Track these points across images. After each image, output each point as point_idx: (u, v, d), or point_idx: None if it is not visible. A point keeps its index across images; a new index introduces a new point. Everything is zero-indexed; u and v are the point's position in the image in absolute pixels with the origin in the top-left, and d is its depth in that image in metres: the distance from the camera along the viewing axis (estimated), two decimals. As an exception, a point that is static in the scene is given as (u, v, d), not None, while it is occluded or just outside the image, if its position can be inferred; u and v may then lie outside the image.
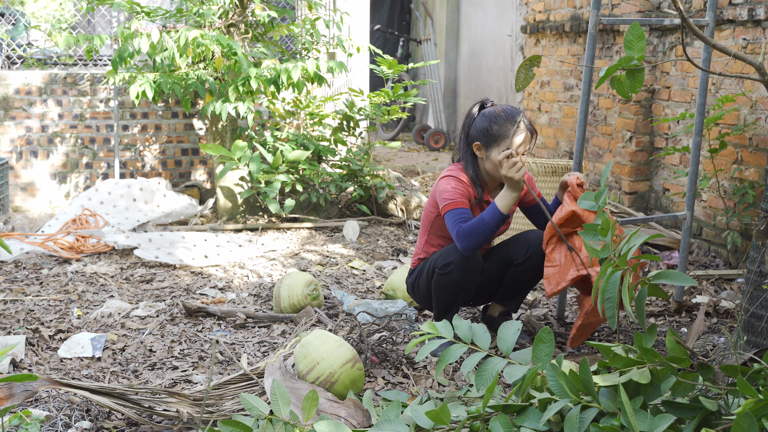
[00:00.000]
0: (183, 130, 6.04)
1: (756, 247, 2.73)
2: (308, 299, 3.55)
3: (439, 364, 2.26)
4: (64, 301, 3.77)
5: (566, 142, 6.14)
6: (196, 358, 3.10)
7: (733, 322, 3.41)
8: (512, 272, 3.18)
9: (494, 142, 2.98)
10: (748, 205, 4.06)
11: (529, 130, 3.00)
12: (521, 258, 3.14)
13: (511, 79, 7.72)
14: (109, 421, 2.48)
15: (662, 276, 2.13)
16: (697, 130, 3.51)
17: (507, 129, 2.97)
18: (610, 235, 2.27)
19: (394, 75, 5.71)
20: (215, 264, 4.44)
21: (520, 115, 2.99)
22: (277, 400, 2.11)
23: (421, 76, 9.82)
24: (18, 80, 5.76)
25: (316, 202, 5.41)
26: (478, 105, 3.10)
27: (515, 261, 3.16)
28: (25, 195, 5.86)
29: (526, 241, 3.14)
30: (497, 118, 2.99)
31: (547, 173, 4.30)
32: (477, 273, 3.02)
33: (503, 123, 2.98)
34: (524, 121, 2.99)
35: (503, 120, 2.98)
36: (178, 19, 5.27)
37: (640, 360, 2.03)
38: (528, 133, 2.99)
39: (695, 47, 4.58)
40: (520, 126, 2.97)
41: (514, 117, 2.98)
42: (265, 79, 4.84)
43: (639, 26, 2.25)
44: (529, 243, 3.13)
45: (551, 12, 6.41)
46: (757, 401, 1.81)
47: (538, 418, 2.04)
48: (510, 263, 3.18)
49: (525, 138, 2.98)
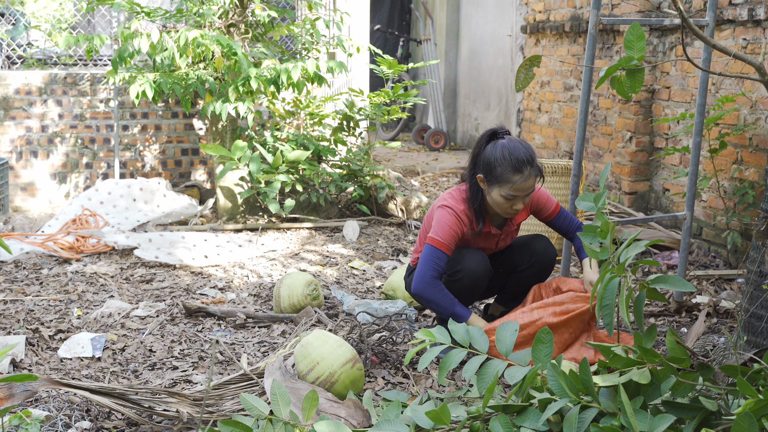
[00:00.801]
0: (183, 130, 6.04)
1: (756, 247, 2.73)
2: (308, 299, 3.55)
3: (441, 370, 2.26)
4: (64, 301, 3.77)
5: (566, 142, 6.14)
6: (196, 358, 3.10)
7: (733, 322, 3.41)
8: (515, 277, 3.21)
9: (496, 182, 2.90)
10: (748, 205, 4.07)
11: (536, 175, 2.89)
12: (524, 265, 3.16)
13: (511, 79, 7.72)
14: (109, 421, 2.48)
15: (661, 280, 2.13)
16: (697, 130, 3.51)
17: (509, 176, 2.86)
18: (610, 238, 2.28)
19: (394, 75, 5.71)
20: (215, 264, 4.44)
21: (526, 163, 2.86)
22: (277, 400, 2.11)
23: (421, 76, 9.82)
24: (18, 80, 5.76)
25: (316, 202, 5.41)
26: (489, 133, 2.97)
27: (519, 267, 3.18)
28: (25, 195, 5.86)
29: (530, 250, 3.15)
30: (503, 161, 2.86)
31: (547, 173, 4.30)
32: (485, 279, 3.04)
33: (507, 168, 2.86)
34: (531, 168, 2.87)
35: (508, 165, 2.86)
36: (178, 19, 5.27)
37: (640, 360, 2.03)
38: (533, 181, 2.90)
39: (695, 47, 4.58)
40: (524, 174, 2.86)
41: (521, 165, 2.85)
42: (265, 79, 4.85)
43: (639, 26, 2.25)
44: (534, 251, 3.14)
45: (551, 12, 6.41)
46: (757, 401, 1.81)
47: (537, 418, 2.04)
48: (514, 269, 3.20)
49: (528, 185, 2.89)
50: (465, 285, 3.00)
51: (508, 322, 2.35)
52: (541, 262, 3.14)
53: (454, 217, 2.96)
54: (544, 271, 3.18)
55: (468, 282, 2.98)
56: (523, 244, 3.19)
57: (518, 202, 2.92)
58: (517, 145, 2.89)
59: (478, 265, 2.98)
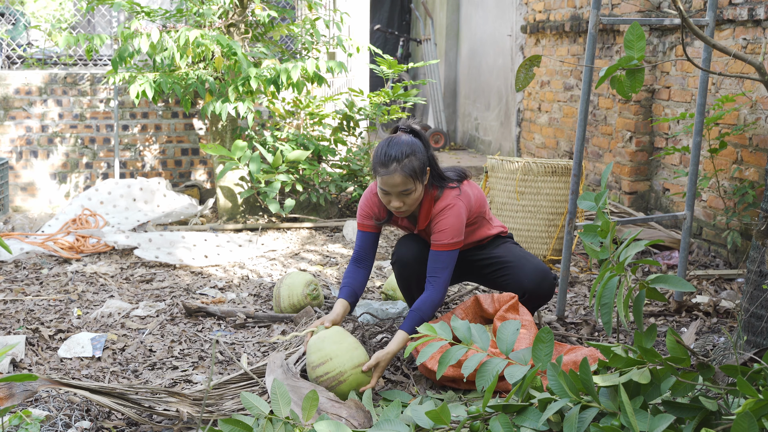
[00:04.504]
0: (183, 130, 6.04)
1: (756, 247, 2.73)
2: (308, 299, 3.55)
3: (440, 366, 2.26)
4: (64, 301, 3.77)
5: (566, 142, 6.14)
6: (196, 358, 3.10)
7: (733, 322, 3.41)
8: None
9: (374, 173, 2.84)
10: (748, 205, 4.07)
11: (406, 174, 2.74)
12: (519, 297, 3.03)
13: (511, 79, 7.72)
14: (109, 421, 2.48)
15: (661, 280, 2.13)
16: (697, 130, 3.51)
17: (377, 168, 2.78)
18: (610, 237, 2.28)
19: (394, 75, 5.71)
20: (215, 264, 4.44)
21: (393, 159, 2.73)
22: (278, 399, 2.10)
23: (421, 76, 9.82)
24: (18, 80, 5.76)
25: (316, 202, 5.41)
26: (394, 128, 2.92)
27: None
28: (25, 195, 5.86)
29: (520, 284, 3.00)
30: (377, 152, 2.81)
31: (547, 173, 4.30)
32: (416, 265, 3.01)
33: (377, 160, 2.79)
34: (397, 165, 2.73)
35: (378, 157, 2.79)
36: (178, 19, 5.27)
37: (640, 360, 2.03)
38: (398, 179, 2.74)
39: (695, 47, 4.58)
40: (388, 169, 2.74)
41: (387, 159, 2.74)
42: (265, 79, 4.84)
43: (639, 26, 2.25)
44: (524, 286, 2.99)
45: (551, 12, 6.41)
46: (757, 401, 1.81)
47: (537, 418, 2.04)
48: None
49: (394, 182, 2.75)
50: (398, 272, 3.08)
51: (509, 322, 2.34)
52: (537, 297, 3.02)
53: (365, 197, 3.02)
54: (540, 302, 3.07)
55: (399, 268, 3.06)
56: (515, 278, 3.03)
57: (393, 199, 2.80)
58: (396, 141, 2.79)
59: (408, 251, 3.01)
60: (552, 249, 4.36)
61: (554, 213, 4.32)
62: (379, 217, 3.00)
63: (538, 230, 4.35)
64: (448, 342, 2.33)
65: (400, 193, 2.78)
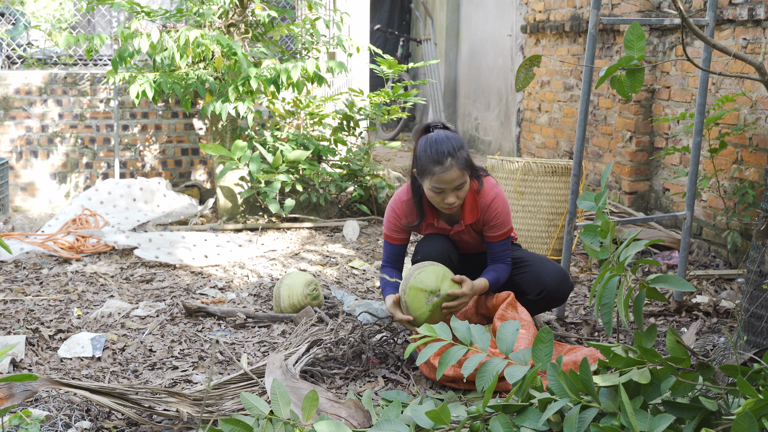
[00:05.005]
0: (183, 130, 6.04)
1: (756, 247, 2.73)
2: (308, 299, 3.55)
3: (440, 367, 2.26)
4: (64, 301, 3.77)
5: (566, 142, 6.14)
6: (196, 358, 3.10)
7: (733, 322, 3.41)
8: (522, 301, 3.11)
9: (423, 175, 2.87)
10: (748, 205, 4.07)
11: (461, 167, 2.82)
12: (533, 295, 3.05)
13: (511, 79, 7.72)
14: (109, 421, 2.48)
15: (661, 280, 2.13)
16: (697, 130, 3.51)
17: (431, 167, 2.82)
18: (610, 237, 2.27)
19: (394, 75, 5.71)
20: (215, 264, 4.44)
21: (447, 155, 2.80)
22: (278, 400, 2.10)
23: (421, 76, 9.82)
24: (18, 80, 5.76)
25: (316, 202, 5.41)
26: (423, 128, 2.95)
27: (527, 295, 3.08)
28: (25, 195, 5.86)
29: (542, 284, 3.03)
30: (426, 151, 2.84)
31: (547, 173, 4.30)
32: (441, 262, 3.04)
33: (429, 159, 2.83)
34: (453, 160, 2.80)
35: (429, 155, 2.82)
36: (178, 19, 5.27)
37: (640, 360, 2.02)
38: (455, 173, 2.81)
39: (695, 47, 4.58)
40: (445, 165, 2.80)
41: (441, 156, 2.80)
42: (265, 79, 4.84)
43: (639, 26, 2.25)
44: (545, 287, 3.02)
45: (551, 12, 6.41)
46: (757, 401, 1.81)
47: (538, 418, 2.04)
48: (522, 293, 3.10)
49: (451, 177, 2.82)
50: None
51: (509, 322, 2.34)
52: (553, 299, 3.05)
53: (392, 209, 3.06)
54: (555, 303, 3.09)
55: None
56: (535, 275, 3.05)
57: (448, 195, 2.85)
58: (441, 137, 2.85)
59: (433, 248, 3.01)
60: (552, 249, 4.35)
61: (554, 213, 4.32)
62: (410, 225, 3.04)
63: (538, 230, 4.35)
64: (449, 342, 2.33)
65: (455, 188, 2.85)
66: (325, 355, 2.93)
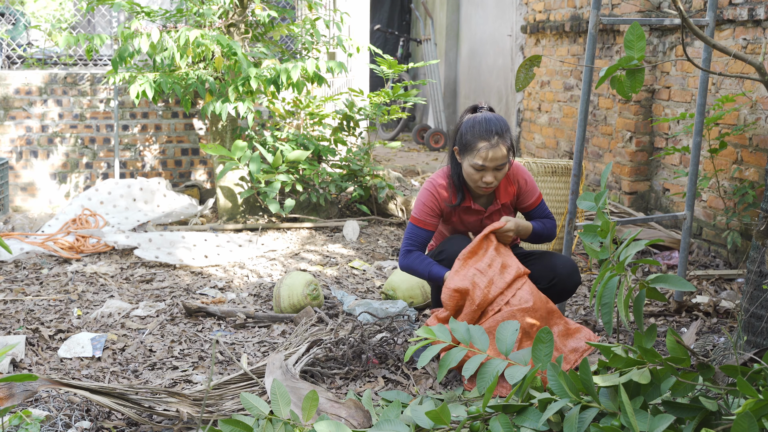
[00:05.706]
0: (183, 130, 6.04)
1: (756, 247, 2.73)
2: (308, 299, 3.55)
3: (441, 369, 2.26)
4: (64, 301, 3.77)
5: (566, 142, 6.14)
6: (196, 358, 3.10)
7: (733, 322, 3.41)
8: None
9: (466, 151, 2.91)
10: (748, 205, 4.06)
11: (507, 148, 2.88)
12: (544, 284, 3.04)
13: (511, 79, 7.72)
14: (109, 421, 2.48)
15: (661, 280, 2.13)
16: (697, 130, 3.51)
17: (476, 142, 2.86)
18: (610, 237, 2.27)
19: (394, 75, 5.71)
20: (215, 264, 4.44)
21: (495, 133, 2.85)
22: (277, 400, 2.10)
23: (421, 76, 9.82)
24: (18, 80, 5.76)
25: (316, 202, 5.41)
26: (470, 108, 3.03)
27: (538, 284, 3.05)
28: (25, 195, 5.86)
29: (553, 272, 3.04)
30: (473, 128, 2.88)
31: (547, 173, 4.30)
32: None
33: (475, 134, 2.87)
34: (500, 139, 2.86)
35: (477, 131, 2.87)
36: (178, 19, 5.27)
37: (640, 360, 2.03)
38: (502, 152, 2.86)
39: (695, 47, 4.58)
40: (492, 142, 2.85)
41: (488, 133, 2.85)
42: (265, 79, 4.84)
43: (639, 26, 2.25)
44: (556, 274, 3.03)
45: (551, 12, 6.41)
46: (757, 401, 1.81)
47: (538, 418, 2.04)
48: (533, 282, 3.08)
49: (496, 155, 2.86)
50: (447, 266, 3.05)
51: (509, 322, 2.35)
52: (563, 288, 3.04)
53: (428, 192, 3.04)
54: (564, 295, 3.08)
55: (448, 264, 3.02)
56: (547, 263, 3.07)
57: (488, 174, 2.89)
58: (490, 117, 2.91)
59: (459, 247, 2.99)
60: (552, 249, 4.35)
61: (554, 213, 4.32)
62: (451, 204, 3.04)
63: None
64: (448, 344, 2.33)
65: (496, 167, 2.88)
66: (325, 355, 2.93)
